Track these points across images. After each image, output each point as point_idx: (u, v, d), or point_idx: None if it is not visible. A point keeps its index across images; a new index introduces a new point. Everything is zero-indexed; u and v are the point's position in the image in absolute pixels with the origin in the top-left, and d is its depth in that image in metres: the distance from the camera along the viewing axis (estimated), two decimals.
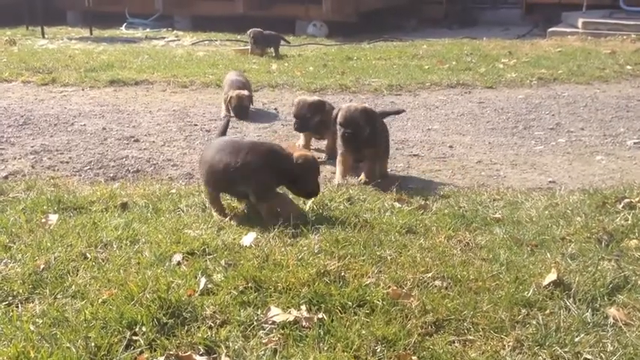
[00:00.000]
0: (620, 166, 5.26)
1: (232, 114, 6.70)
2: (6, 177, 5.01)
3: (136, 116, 6.87)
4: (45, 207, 4.10)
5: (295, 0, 13.39)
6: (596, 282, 3.09)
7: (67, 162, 5.45)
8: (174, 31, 13.91)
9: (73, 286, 3.07)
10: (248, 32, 10.64)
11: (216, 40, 12.61)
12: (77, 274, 3.20)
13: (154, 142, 6.02)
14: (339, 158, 4.89)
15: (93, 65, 9.36)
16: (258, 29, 10.52)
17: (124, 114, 6.96)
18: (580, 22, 11.71)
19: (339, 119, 4.75)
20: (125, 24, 14.59)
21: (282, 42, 10.85)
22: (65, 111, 7.07)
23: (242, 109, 6.77)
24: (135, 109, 7.17)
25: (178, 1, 14.59)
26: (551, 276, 3.10)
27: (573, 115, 6.75)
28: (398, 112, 5.85)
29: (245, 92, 6.82)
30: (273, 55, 10.39)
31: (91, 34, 13.36)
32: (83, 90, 8.09)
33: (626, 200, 4.13)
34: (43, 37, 12.83)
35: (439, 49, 10.84)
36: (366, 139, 4.72)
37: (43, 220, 3.87)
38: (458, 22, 14.02)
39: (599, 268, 3.24)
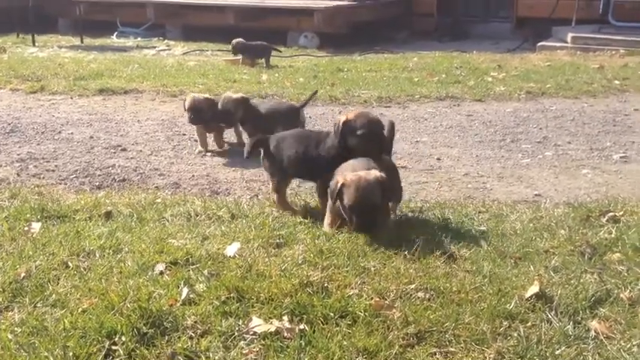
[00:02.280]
0: (606, 180, 5.28)
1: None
2: None
3: (124, 125, 6.86)
4: (28, 215, 4.09)
5: (287, 11, 13.41)
6: (579, 295, 3.09)
7: (53, 170, 5.43)
8: (166, 41, 13.90)
9: (54, 295, 3.05)
10: (232, 42, 10.67)
11: (207, 50, 12.61)
12: (58, 283, 3.18)
13: (141, 151, 6.01)
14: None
15: (82, 74, 9.34)
16: (241, 40, 10.53)
17: (112, 123, 6.94)
18: (569, 36, 11.77)
19: None
20: (116, 33, 14.58)
21: (274, 52, 10.87)
22: (53, 119, 7.05)
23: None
24: (123, 118, 7.16)
25: (170, 11, 14.59)
26: (534, 288, 3.10)
27: (561, 129, 6.77)
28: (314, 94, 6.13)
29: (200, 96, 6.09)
30: (264, 65, 10.41)
31: (82, 42, 13.35)
32: (72, 98, 8.07)
33: (611, 214, 4.14)
34: (34, 45, 12.81)
35: (429, 61, 10.87)
36: None
37: (26, 229, 3.85)
38: (449, 35, 14.06)
39: (581, 281, 3.24)
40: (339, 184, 3.75)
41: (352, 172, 3.80)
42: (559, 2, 12.82)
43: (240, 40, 10.54)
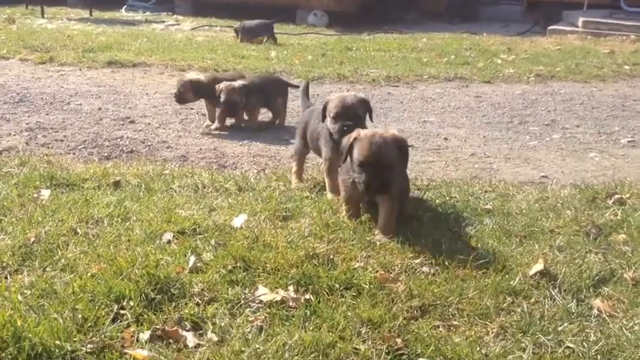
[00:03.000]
0: (613, 163, 5.28)
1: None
2: (0, 153, 5.01)
3: (133, 98, 6.87)
4: (37, 182, 4.11)
5: None
6: (582, 274, 3.11)
7: (62, 140, 5.45)
8: (175, 16, 13.88)
9: (63, 260, 3.08)
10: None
11: (216, 26, 12.59)
12: (67, 249, 3.21)
13: (149, 123, 6.02)
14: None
15: (91, 46, 9.35)
16: (242, 23, 10.73)
17: (120, 95, 6.95)
18: (580, 21, 11.71)
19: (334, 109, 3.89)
20: (125, 6, 14.57)
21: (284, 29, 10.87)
22: (62, 90, 7.06)
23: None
24: (132, 90, 7.17)
25: None
26: (538, 266, 3.12)
27: (569, 112, 6.77)
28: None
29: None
30: (271, 42, 10.41)
31: (91, 15, 13.34)
32: (81, 70, 8.09)
33: (617, 196, 4.15)
34: (43, 16, 12.80)
35: (439, 42, 10.84)
36: None
37: (35, 195, 3.87)
38: (459, 17, 14.00)
39: (586, 260, 3.26)
40: (351, 139, 3.48)
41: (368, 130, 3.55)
42: None
43: (241, 24, 10.76)
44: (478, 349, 2.56)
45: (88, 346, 2.46)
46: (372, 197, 3.63)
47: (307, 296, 2.85)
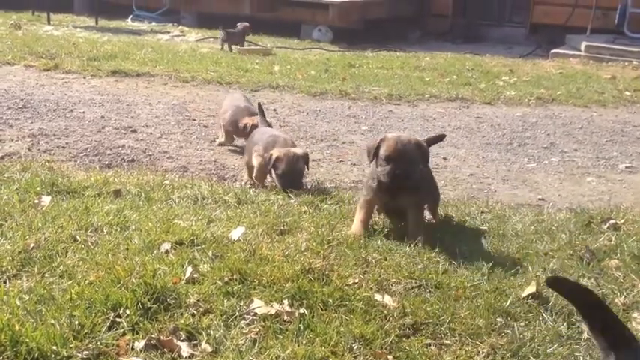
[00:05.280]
0: (610, 188, 5.33)
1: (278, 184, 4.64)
2: (2, 158, 5.07)
3: (136, 107, 6.93)
4: (39, 189, 4.15)
5: (302, 4, 13.45)
6: None
7: (64, 147, 5.51)
8: (180, 27, 13.96)
9: (61, 266, 3.11)
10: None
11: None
12: (66, 255, 3.24)
13: (151, 133, 6.08)
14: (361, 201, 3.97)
15: (96, 54, 9.42)
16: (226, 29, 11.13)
17: (123, 104, 7.01)
18: (583, 45, 11.78)
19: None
20: (131, 16, 14.65)
21: (287, 45, 10.97)
22: (65, 97, 7.12)
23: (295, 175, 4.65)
24: (135, 100, 7.23)
25: None
26: (531, 288, 3.15)
27: (568, 136, 6.82)
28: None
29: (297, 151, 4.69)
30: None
31: (97, 23, 13.43)
32: (85, 78, 8.15)
33: (612, 221, 4.19)
34: (49, 23, 12.89)
35: (441, 62, 10.92)
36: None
37: (36, 201, 3.91)
38: (462, 37, 14.09)
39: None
40: (378, 140, 3.83)
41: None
42: (575, 10, 12.85)
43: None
44: None
45: (84, 352, 2.49)
46: (393, 199, 3.87)
47: (301, 310, 2.88)
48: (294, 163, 4.52)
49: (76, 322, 2.62)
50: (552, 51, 12.07)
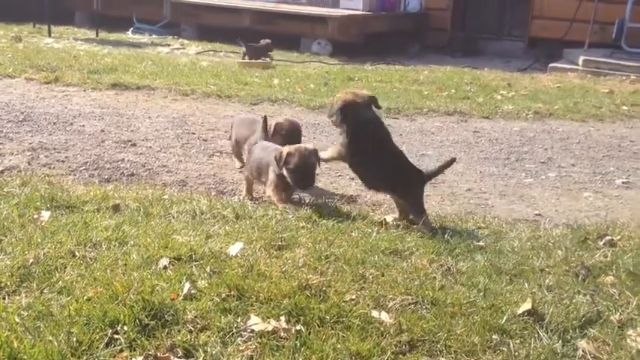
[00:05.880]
0: (607, 204, 5.35)
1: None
2: (2, 172, 5.09)
3: (135, 121, 6.96)
4: (38, 203, 4.17)
5: (302, 17, 13.52)
6: (570, 314, 3.17)
7: (64, 161, 5.53)
8: (180, 39, 14.02)
9: (60, 282, 3.13)
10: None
11: (221, 52, 12.73)
12: (65, 271, 3.26)
13: (150, 147, 6.10)
14: None
15: (96, 67, 9.46)
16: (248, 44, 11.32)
17: (123, 117, 7.04)
18: (581, 59, 11.84)
19: None
20: (132, 29, 14.72)
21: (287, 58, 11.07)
22: (65, 110, 7.15)
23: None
24: (134, 113, 7.26)
25: (186, 10, 14.72)
26: (526, 305, 3.17)
27: (565, 151, 6.85)
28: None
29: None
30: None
31: (97, 36, 13.49)
32: (85, 91, 8.18)
33: (608, 237, 4.21)
34: (50, 35, 12.95)
35: (440, 75, 10.96)
36: None
37: (35, 216, 3.93)
38: (461, 51, 14.16)
39: (573, 301, 3.31)
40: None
41: None
42: (573, 25, 12.92)
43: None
44: None
45: None
46: None
47: (298, 327, 2.90)
48: (306, 157, 4.52)
49: (74, 339, 2.64)
50: (550, 65, 12.13)
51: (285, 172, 4.53)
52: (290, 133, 5.15)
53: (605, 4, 12.56)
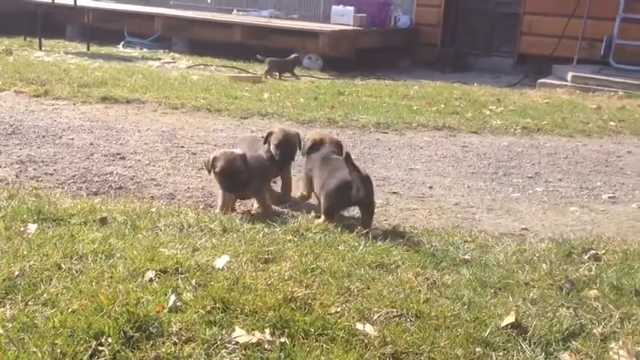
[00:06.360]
0: (593, 218, 5.39)
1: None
2: None
3: (125, 134, 6.97)
4: (25, 216, 4.17)
5: (293, 32, 13.61)
6: (553, 327, 3.19)
7: (52, 174, 5.53)
8: (171, 53, 14.08)
9: (45, 294, 3.14)
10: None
11: (211, 66, 12.77)
12: (50, 283, 3.27)
13: (139, 160, 6.11)
14: None
15: (87, 81, 9.47)
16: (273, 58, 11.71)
17: (112, 131, 7.05)
18: (569, 75, 11.94)
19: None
20: (123, 42, 14.76)
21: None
22: (55, 124, 7.16)
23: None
24: (124, 126, 7.27)
25: (177, 24, 14.78)
26: (510, 318, 3.19)
27: (553, 166, 6.90)
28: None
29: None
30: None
31: (88, 49, 13.52)
32: (75, 104, 8.19)
33: (592, 252, 4.25)
34: (40, 49, 12.96)
35: (429, 90, 11.03)
36: None
37: (22, 229, 3.94)
38: (450, 67, 14.27)
39: (557, 314, 3.34)
40: None
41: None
42: (561, 41, 13.04)
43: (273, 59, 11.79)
44: None
45: None
46: None
47: (282, 339, 2.91)
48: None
49: (58, 351, 2.64)
50: (539, 81, 12.23)
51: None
52: (283, 144, 5.15)
53: (594, 20, 12.68)
